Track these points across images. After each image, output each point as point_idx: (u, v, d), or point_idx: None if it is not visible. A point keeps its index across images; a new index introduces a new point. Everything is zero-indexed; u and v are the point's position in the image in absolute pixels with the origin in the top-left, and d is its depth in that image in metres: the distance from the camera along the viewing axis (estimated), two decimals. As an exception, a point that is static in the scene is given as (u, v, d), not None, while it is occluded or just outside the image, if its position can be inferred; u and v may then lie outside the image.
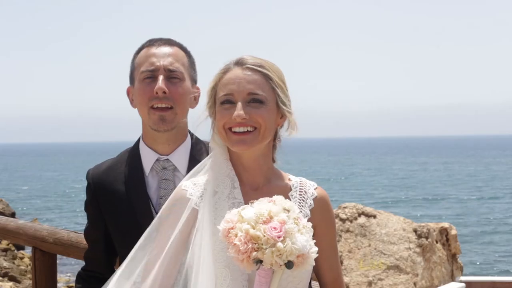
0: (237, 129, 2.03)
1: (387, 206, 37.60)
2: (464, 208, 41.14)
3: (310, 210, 2.13)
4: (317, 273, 2.18)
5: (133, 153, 2.53)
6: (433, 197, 46.69)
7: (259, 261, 1.83)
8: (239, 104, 2.03)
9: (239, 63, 2.07)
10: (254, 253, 1.82)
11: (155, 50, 2.47)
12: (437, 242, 11.77)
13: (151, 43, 2.50)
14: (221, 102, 2.06)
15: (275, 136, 2.14)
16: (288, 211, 1.90)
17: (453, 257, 12.00)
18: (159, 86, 2.39)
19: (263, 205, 1.90)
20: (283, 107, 2.06)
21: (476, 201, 45.18)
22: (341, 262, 11.11)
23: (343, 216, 11.50)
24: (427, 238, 11.46)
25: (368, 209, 11.76)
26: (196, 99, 2.49)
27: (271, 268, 1.85)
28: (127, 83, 2.56)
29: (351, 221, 11.48)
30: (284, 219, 1.86)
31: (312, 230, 1.93)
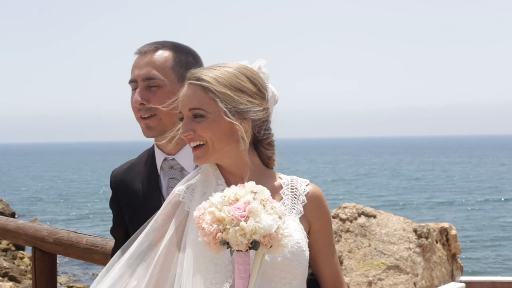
0: (191, 144, 2.09)
1: (397, 209, 37.55)
2: (466, 209, 41.15)
3: (303, 206, 2.13)
4: (314, 269, 2.17)
5: (150, 152, 2.60)
6: (440, 199, 46.55)
7: (226, 243, 1.84)
8: (184, 121, 2.08)
9: (187, 78, 2.11)
10: (219, 234, 1.83)
11: (137, 60, 2.51)
12: (437, 242, 11.78)
13: (138, 51, 2.53)
14: (178, 119, 2.13)
15: (256, 138, 2.12)
16: (255, 193, 1.90)
17: (453, 257, 12.00)
18: (134, 99, 2.46)
19: (231, 189, 1.91)
20: (225, 117, 2.04)
21: (479, 201, 45.18)
22: (341, 262, 11.11)
23: (343, 216, 11.50)
24: (427, 238, 11.47)
25: (368, 209, 11.77)
26: None
27: (241, 251, 1.85)
28: (127, 83, 2.59)
29: (351, 221, 11.48)
30: (249, 199, 1.86)
31: (285, 213, 1.92)
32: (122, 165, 2.65)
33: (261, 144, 2.14)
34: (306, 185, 2.16)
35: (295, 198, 2.13)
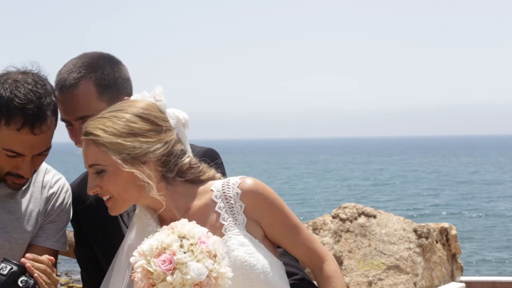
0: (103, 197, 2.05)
1: (398, 210, 37.54)
2: (466, 209, 41.16)
3: (244, 212, 2.04)
4: (291, 254, 2.16)
5: None
6: (441, 200, 46.46)
7: None
8: (89, 178, 2.04)
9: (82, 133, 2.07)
10: None
11: (61, 100, 2.38)
12: (437, 242, 11.79)
13: (58, 88, 2.40)
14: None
15: (169, 170, 2.04)
16: (183, 238, 1.85)
17: (453, 257, 12.02)
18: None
19: (159, 236, 1.87)
20: (122, 168, 1.97)
21: (479, 201, 45.19)
22: (341, 262, 11.12)
23: (343, 216, 11.50)
24: (427, 238, 11.47)
25: (368, 209, 11.78)
26: None
27: None
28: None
29: (351, 221, 11.49)
30: (175, 249, 1.82)
31: (220, 249, 1.87)
32: (76, 179, 2.59)
33: (179, 172, 2.06)
34: (237, 186, 2.05)
35: (232, 208, 2.04)
